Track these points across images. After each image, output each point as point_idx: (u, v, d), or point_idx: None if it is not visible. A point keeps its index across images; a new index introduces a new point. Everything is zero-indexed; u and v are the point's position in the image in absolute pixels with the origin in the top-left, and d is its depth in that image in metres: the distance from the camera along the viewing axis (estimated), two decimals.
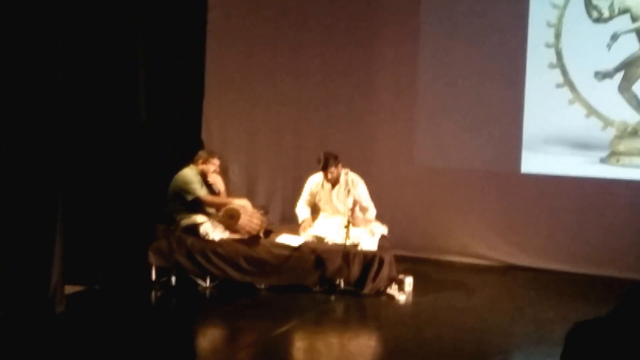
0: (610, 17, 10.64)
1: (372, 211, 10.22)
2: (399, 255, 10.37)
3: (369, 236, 9.92)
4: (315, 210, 10.43)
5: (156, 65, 10.77)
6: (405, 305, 9.54)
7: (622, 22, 10.63)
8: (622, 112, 10.74)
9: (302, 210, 10.44)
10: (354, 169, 10.27)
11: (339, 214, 10.13)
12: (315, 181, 10.41)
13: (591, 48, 10.79)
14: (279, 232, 10.27)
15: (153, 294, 9.80)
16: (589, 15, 10.72)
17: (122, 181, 10.09)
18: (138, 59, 10.49)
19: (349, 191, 10.22)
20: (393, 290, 9.65)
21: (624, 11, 10.66)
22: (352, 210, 10.02)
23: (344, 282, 9.63)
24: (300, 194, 10.69)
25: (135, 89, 10.47)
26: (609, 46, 10.64)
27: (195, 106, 11.76)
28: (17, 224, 8.11)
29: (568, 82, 10.91)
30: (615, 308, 2.19)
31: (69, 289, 8.86)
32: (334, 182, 10.22)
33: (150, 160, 10.58)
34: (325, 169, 10.12)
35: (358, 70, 11.72)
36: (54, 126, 8.20)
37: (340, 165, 10.16)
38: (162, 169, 10.54)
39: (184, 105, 11.40)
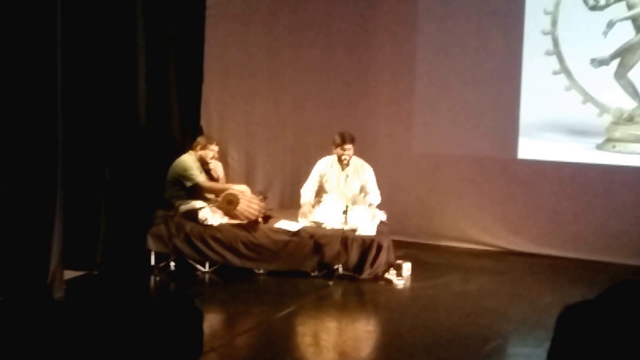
0: (607, 5, 10.66)
1: (376, 199, 10.27)
2: (397, 240, 10.42)
3: (369, 219, 9.98)
4: (319, 193, 10.45)
5: (155, 51, 10.79)
6: (403, 290, 9.60)
7: (618, 10, 10.65)
8: (618, 99, 10.77)
9: (306, 192, 10.41)
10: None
11: (344, 196, 10.15)
12: (325, 163, 10.43)
13: (587, 35, 10.82)
14: (278, 218, 10.32)
15: (152, 279, 9.85)
16: (585, 2, 10.74)
17: (121, 166, 10.12)
18: (137, 45, 10.50)
19: (357, 176, 10.26)
20: (391, 275, 9.71)
21: None
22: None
23: (343, 267, 9.67)
24: (299, 179, 10.75)
25: (135, 75, 10.49)
26: (605, 33, 10.66)
27: (194, 92, 11.78)
28: (17, 210, 8.14)
29: (564, 69, 10.94)
30: (605, 290, 2.25)
31: (68, 274, 8.90)
32: (345, 164, 10.24)
33: (150, 146, 10.61)
34: (342, 143, 10.14)
35: (356, 56, 11.73)
36: (54, 111, 8.22)
37: (354, 146, 10.21)
38: (161, 154, 10.58)
39: (183, 92, 11.42)
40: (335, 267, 9.67)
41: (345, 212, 9.68)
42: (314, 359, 7.72)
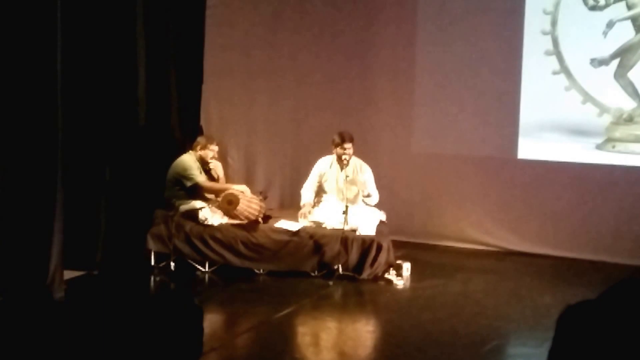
0: (606, 5, 10.66)
1: (375, 198, 10.26)
2: (396, 240, 10.43)
3: (369, 219, 9.98)
4: (319, 192, 10.45)
5: (155, 51, 10.79)
6: (403, 290, 9.60)
7: (618, 10, 10.66)
8: (617, 99, 10.77)
9: (306, 193, 10.40)
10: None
11: (342, 196, 10.14)
12: (325, 163, 10.42)
13: (587, 35, 10.83)
14: (278, 218, 10.32)
15: (152, 279, 9.85)
16: (585, 3, 10.75)
17: (121, 166, 10.12)
18: (137, 45, 10.50)
19: (356, 175, 10.24)
20: (391, 275, 9.72)
21: None
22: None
23: (342, 267, 9.67)
24: (299, 179, 10.75)
25: (135, 75, 10.49)
26: (605, 33, 10.67)
27: (194, 92, 11.78)
28: (17, 210, 8.14)
29: (564, 69, 10.95)
30: (606, 290, 2.25)
31: (68, 274, 8.90)
32: (345, 164, 10.21)
33: (150, 146, 10.61)
34: (342, 142, 10.12)
35: (356, 56, 11.73)
36: (54, 111, 8.22)
37: (353, 145, 10.19)
38: (161, 154, 10.58)
39: (183, 92, 11.42)
40: (335, 267, 9.67)
41: (345, 212, 9.66)
42: (314, 359, 7.72)
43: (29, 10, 8.05)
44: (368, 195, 10.23)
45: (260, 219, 10.14)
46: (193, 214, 10.04)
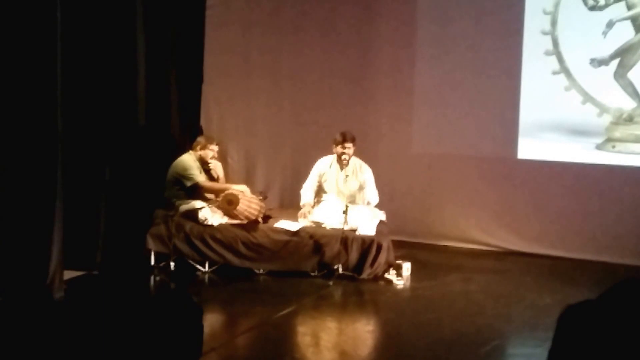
0: (606, 5, 10.66)
1: (374, 199, 10.26)
2: (396, 240, 10.43)
3: (369, 219, 9.97)
4: (319, 192, 10.45)
5: (155, 51, 10.79)
6: (403, 290, 9.60)
7: (618, 10, 10.66)
8: (617, 99, 10.77)
9: (306, 193, 10.41)
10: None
11: (342, 196, 10.15)
12: (324, 163, 10.43)
13: (587, 35, 10.82)
14: (278, 218, 10.32)
15: (152, 279, 9.84)
16: (585, 3, 10.75)
17: (121, 166, 10.12)
18: (137, 45, 10.50)
19: (356, 176, 10.25)
20: (391, 275, 9.72)
21: None
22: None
23: (342, 267, 9.67)
24: (299, 179, 10.75)
25: (135, 75, 10.49)
26: (605, 33, 10.67)
27: (194, 92, 11.78)
28: (17, 210, 8.14)
29: (564, 69, 10.94)
30: (606, 290, 2.25)
31: (68, 274, 8.90)
32: (345, 164, 10.23)
33: (150, 146, 10.61)
34: (343, 142, 10.13)
35: (356, 57, 11.73)
36: (54, 111, 8.22)
37: (354, 146, 10.20)
38: (161, 154, 10.58)
39: (183, 92, 11.42)
40: (335, 267, 9.67)
41: (345, 212, 9.66)
42: (314, 359, 7.72)
43: (29, 10, 8.04)
44: (368, 203, 10.24)
45: (260, 219, 10.14)
46: (193, 214, 10.03)
